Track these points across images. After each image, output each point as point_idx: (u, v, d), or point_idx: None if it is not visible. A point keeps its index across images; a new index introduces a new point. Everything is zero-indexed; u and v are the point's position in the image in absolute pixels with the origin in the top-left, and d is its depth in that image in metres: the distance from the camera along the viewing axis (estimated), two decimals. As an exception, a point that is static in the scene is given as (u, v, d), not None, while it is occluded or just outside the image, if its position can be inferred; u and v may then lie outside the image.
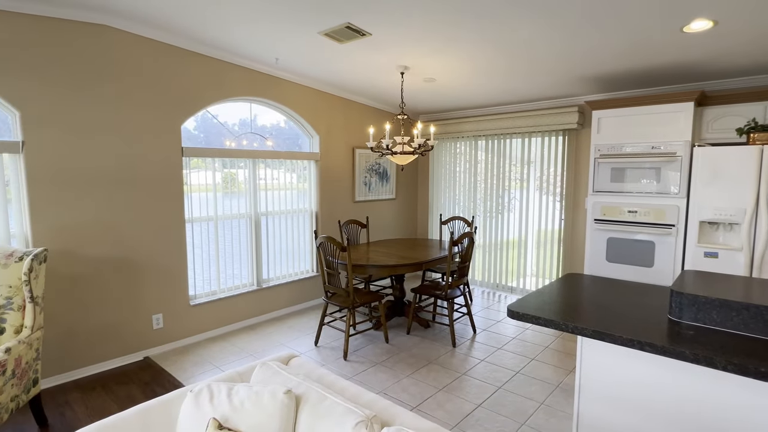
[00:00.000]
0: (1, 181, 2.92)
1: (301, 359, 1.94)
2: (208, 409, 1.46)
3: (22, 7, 2.83)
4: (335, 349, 3.81)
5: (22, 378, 2.35)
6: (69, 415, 2.75)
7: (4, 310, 2.46)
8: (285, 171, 4.74)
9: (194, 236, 3.99)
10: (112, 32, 3.26)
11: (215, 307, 4.11)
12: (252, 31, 3.33)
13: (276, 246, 4.70)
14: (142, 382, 3.20)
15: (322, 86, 4.85)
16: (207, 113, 4.05)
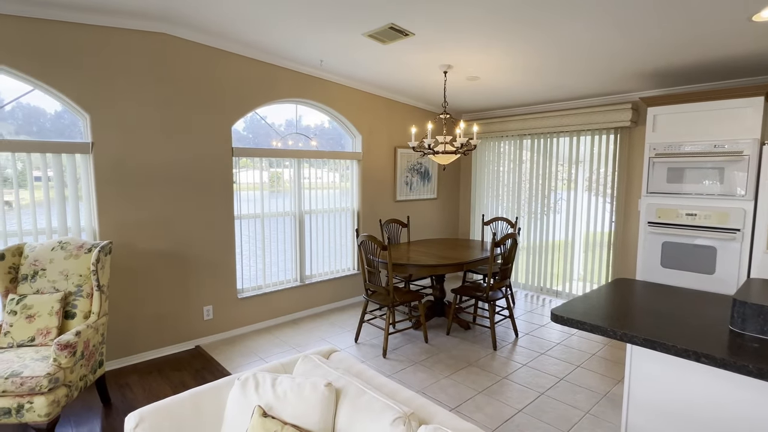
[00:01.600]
0: (74, 180, 3.20)
1: (342, 354, 1.98)
2: (253, 397, 1.53)
3: (94, 19, 3.08)
4: (375, 346, 3.85)
5: (89, 359, 2.56)
6: (129, 396, 2.97)
7: (75, 297, 2.70)
8: (328, 170, 4.85)
9: (242, 233, 4.17)
10: (170, 40, 3.48)
11: (261, 301, 4.28)
12: (299, 35, 3.43)
13: (319, 243, 4.82)
14: (194, 369, 3.39)
15: (364, 86, 4.91)
16: (256, 114, 4.22)
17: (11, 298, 2.59)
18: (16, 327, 2.52)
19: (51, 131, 3.14)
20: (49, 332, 2.55)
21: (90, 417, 2.72)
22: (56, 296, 2.63)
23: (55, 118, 3.16)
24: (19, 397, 2.17)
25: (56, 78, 3.01)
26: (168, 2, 2.92)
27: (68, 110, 3.19)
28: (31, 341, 2.52)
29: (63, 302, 2.64)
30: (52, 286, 2.70)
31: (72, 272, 2.73)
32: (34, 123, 3.08)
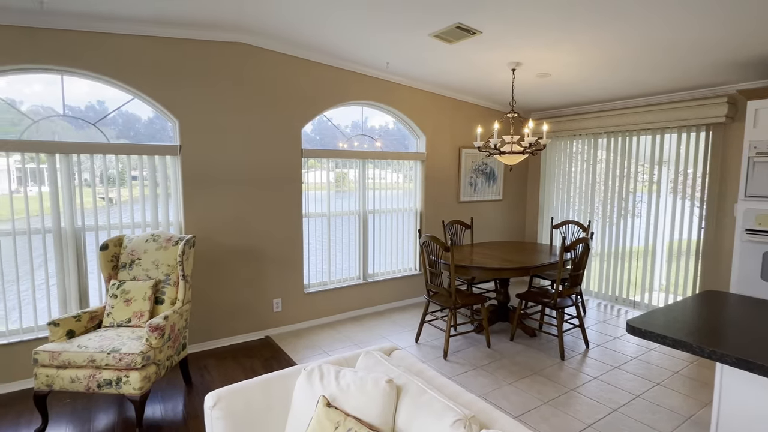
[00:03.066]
0: (164, 179, 3.55)
1: (402, 353, 2.00)
2: (318, 387, 1.60)
3: (181, 33, 3.40)
4: (435, 347, 3.83)
5: (175, 342, 2.83)
6: (207, 378, 3.24)
7: (164, 284, 3.00)
8: (392, 171, 4.91)
9: (309, 230, 4.36)
10: (247, 48, 3.73)
11: (325, 297, 4.44)
12: (367, 39, 3.52)
13: (382, 243, 4.90)
14: (263, 357, 3.60)
15: (429, 87, 4.90)
16: (323, 117, 4.38)
17: (113, 284, 2.93)
18: (116, 309, 2.86)
19: (144, 135, 3.51)
20: (142, 315, 2.85)
21: (174, 394, 3.00)
22: (149, 283, 2.93)
23: (148, 123, 3.53)
24: (118, 371, 2.45)
25: (152, 88, 3.35)
26: (245, 14, 3.13)
27: (159, 116, 3.54)
28: (128, 322, 2.84)
29: (154, 289, 2.94)
30: (145, 274, 3.01)
31: (162, 262, 3.03)
32: (131, 128, 3.46)
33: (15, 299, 3.13)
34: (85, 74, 3.18)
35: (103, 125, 3.32)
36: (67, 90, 3.18)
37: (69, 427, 2.62)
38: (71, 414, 2.76)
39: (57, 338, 2.61)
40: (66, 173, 3.19)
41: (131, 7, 2.87)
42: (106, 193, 3.36)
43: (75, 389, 2.46)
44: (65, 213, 3.21)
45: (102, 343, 2.52)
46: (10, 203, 3.07)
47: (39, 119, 3.11)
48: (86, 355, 2.45)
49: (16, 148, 2.98)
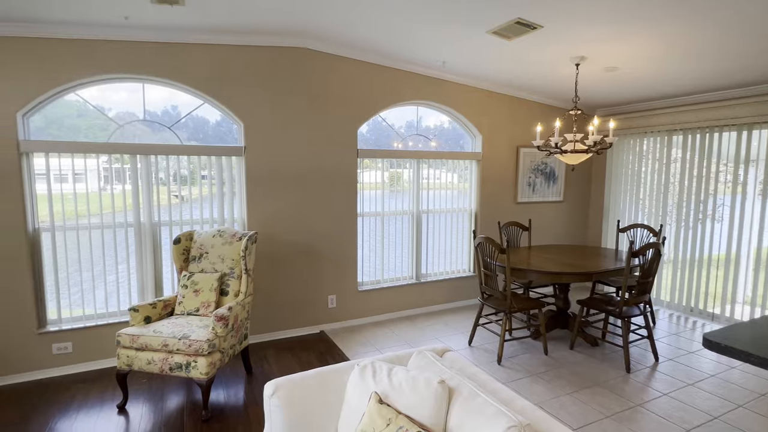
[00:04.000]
0: (230, 178, 3.77)
1: (455, 354, 1.98)
2: (371, 383, 1.63)
3: (247, 41, 3.59)
4: (489, 352, 3.74)
5: (237, 332, 3.00)
6: (266, 367, 3.40)
7: (229, 277, 3.19)
8: (446, 171, 4.86)
9: (363, 229, 4.43)
10: (307, 53, 3.86)
11: (378, 295, 4.50)
12: (423, 38, 3.51)
13: (435, 243, 4.87)
14: (318, 351, 3.72)
15: (486, 85, 4.79)
16: (378, 117, 4.43)
17: (184, 275, 3.17)
18: (186, 298, 3.08)
19: (212, 137, 3.75)
20: (209, 305, 3.06)
21: (236, 381, 3.19)
22: (215, 276, 3.13)
23: (215, 126, 3.77)
24: (187, 356, 2.65)
25: (220, 93, 3.58)
26: (309, 21, 3.25)
27: (226, 119, 3.77)
28: (196, 311, 3.05)
29: (220, 281, 3.13)
30: (212, 267, 3.23)
31: (227, 256, 3.23)
32: (200, 131, 3.72)
33: (102, 286, 3.48)
34: (163, 82, 3.46)
35: (177, 128, 3.60)
36: (147, 96, 3.48)
37: (145, 404, 2.87)
38: (147, 393, 3.02)
39: (136, 323, 2.87)
40: (145, 173, 3.49)
41: (206, 18, 3.08)
42: (179, 191, 3.63)
43: (150, 370, 2.69)
44: (144, 209, 3.52)
45: (174, 329, 2.74)
46: (99, 200, 3.42)
47: (123, 124, 3.43)
48: (160, 340, 2.67)
49: (104, 150, 3.31)
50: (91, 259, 3.40)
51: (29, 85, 3.03)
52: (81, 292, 3.40)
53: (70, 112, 3.31)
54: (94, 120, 3.36)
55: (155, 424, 2.64)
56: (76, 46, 3.12)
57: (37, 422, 2.66)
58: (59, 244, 3.30)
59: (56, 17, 2.87)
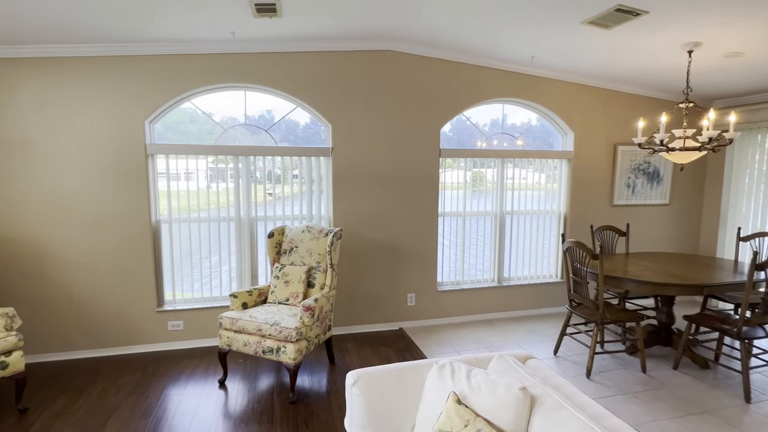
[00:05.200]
0: (318, 177, 3.99)
1: (538, 362, 1.90)
2: (449, 382, 1.63)
3: (335, 47, 3.77)
4: (576, 363, 3.51)
5: (322, 322, 3.18)
6: (347, 359, 3.55)
7: (315, 271, 3.38)
8: (533, 170, 4.64)
9: (444, 229, 4.41)
10: (392, 55, 3.94)
11: (458, 296, 4.44)
12: (511, 34, 3.39)
13: (519, 246, 4.68)
14: (397, 348, 3.79)
15: (579, 78, 4.48)
16: (462, 116, 4.37)
17: (276, 266, 3.43)
18: (278, 288, 3.34)
19: (302, 139, 4.00)
20: (297, 296, 3.27)
21: (319, 369, 3.37)
22: (303, 269, 3.34)
23: (304, 128, 4.01)
24: (278, 341, 2.87)
25: (310, 97, 3.81)
26: (394, 25, 3.32)
27: (315, 122, 3.99)
28: (286, 301, 3.29)
29: (307, 274, 3.34)
30: (300, 260, 3.45)
31: (314, 251, 3.43)
32: (291, 133, 3.98)
33: (207, 273, 3.90)
34: (262, 89, 3.77)
35: (272, 131, 3.90)
36: (247, 102, 3.82)
37: (241, 382, 3.17)
38: (242, 372, 3.33)
39: (235, 308, 3.18)
40: (245, 172, 3.84)
41: (300, 27, 3.30)
42: (273, 189, 3.94)
43: (246, 352, 2.96)
44: (243, 205, 3.87)
45: (267, 316, 2.98)
46: (206, 196, 3.83)
47: (227, 128, 3.81)
48: (255, 325, 2.92)
49: (212, 152, 3.71)
50: (199, 249, 3.83)
51: (155, 96, 3.50)
52: (191, 277, 3.85)
53: (184, 118, 3.75)
54: (203, 125, 3.78)
55: (249, 401, 2.90)
56: (192, 61, 3.53)
57: (156, 388, 3.07)
58: (174, 235, 3.77)
59: (178, 36, 3.28)
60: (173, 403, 2.87)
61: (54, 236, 3.43)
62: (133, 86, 3.45)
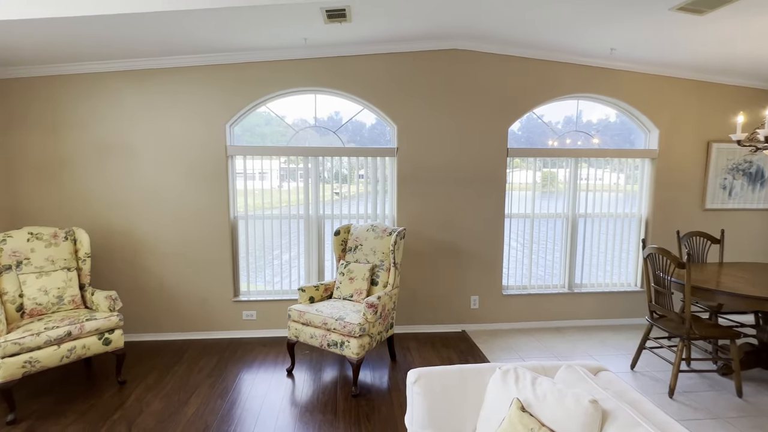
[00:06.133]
0: (383, 177, 4.06)
1: (612, 375, 1.78)
2: (513, 388, 1.59)
3: (402, 48, 3.81)
4: (657, 380, 3.23)
5: (384, 320, 3.23)
6: (408, 358, 3.57)
7: (379, 269, 3.44)
8: (611, 170, 4.33)
9: (511, 231, 4.27)
10: (458, 54, 3.89)
11: (524, 301, 4.28)
12: (588, 26, 3.20)
13: (593, 251, 4.40)
14: (459, 350, 3.74)
15: (666, 70, 4.10)
16: (532, 114, 4.20)
17: (342, 263, 3.54)
18: (343, 285, 3.45)
19: (368, 139, 4.08)
20: (361, 293, 3.36)
21: (381, 366, 3.43)
22: (367, 266, 3.42)
23: (370, 129, 4.09)
24: (342, 336, 2.96)
25: (377, 98, 3.88)
26: (462, 23, 3.28)
27: (380, 122, 4.06)
28: (350, 297, 3.39)
29: (371, 272, 3.41)
30: (365, 258, 3.53)
31: (378, 249, 3.49)
32: (358, 134, 4.08)
33: (278, 267, 4.13)
34: (331, 92, 3.92)
35: (339, 132, 4.03)
36: (317, 105, 3.99)
37: (307, 372, 3.32)
38: (309, 363, 3.48)
39: (303, 301, 3.34)
40: (314, 172, 4.01)
41: (368, 31, 3.39)
42: (339, 188, 4.07)
43: (312, 344, 3.10)
44: (312, 204, 4.05)
45: (332, 311, 3.09)
46: (278, 195, 4.06)
47: (299, 130, 4.00)
48: (321, 318, 3.04)
49: (284, 153, 3.92)
50: (271, 244, 4.07)
51: (235, 101, 3.78)
52: (263, 271, 4.11)
53: (260, 121, 4.00)
54: (276, 127, 4.00)
55: (314, 391, 3.03)
56: (267, 68, 3.76)
57: (231, 372, 3.32)
58: (249, 231, 4.04)
59: (255, 45, 3.51)
60: (246, 387, 3.09)
61: (149, 229, 3.84)
62: (215, 93, 3.75)
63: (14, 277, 3.00)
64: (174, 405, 2.84)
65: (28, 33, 2.81)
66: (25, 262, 3.06)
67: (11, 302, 2.95)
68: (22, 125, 3.63)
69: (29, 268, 3.07)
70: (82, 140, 3.69)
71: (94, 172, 3.74)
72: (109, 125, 3.70)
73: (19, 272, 3.03)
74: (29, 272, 3.05)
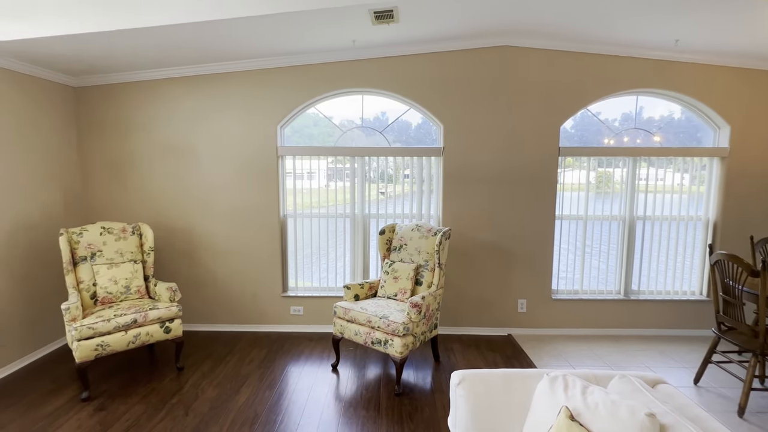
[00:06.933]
0: (428, 177, 4.04)
1: (672, 389, 1.67)
2: (561, 396, 1.53)
3: (448, 47, 3.77)
4: (725, 398, 2.98)
5: (428, 320, 3.22)
6: (452, 359, 3.53)
7: (423, 269, 3.43)
8: (674, 170, 4.05)
9: (561, 233, 4.10)
10: (507, 50, 3.80)
11: (576, 307, 4.10)
12: (650, 16, 3.01)
13: (652, 255, 4.13)
14: (505, 354, 3.65)
15: (738, 61, 3.77)
16: (587, 111, 4.01)
17: (386, 262, 3.57)
18: (387, 284, 3.47)
19: (413, 139, 4.08)
20: (405, 292, 3.37)
21: (424, 366, 3.42)
22: (411, 266, 3.42)
23: (416, 128, 4.08)
24: (386, 334, 2.99)
25: (423, 98, 3.86)
26: (511, 19, 3.20)
27: (426, 122, 4.04)
28: (394, 296, 3.40)
29: (415, 271, 3.41)
30: (409, 258, 3.53)
31: (422, 249, 3.48)
32: (404, 133, 4.08)
33: (324, 264, 4.23)
34: (378, 92, 3.95)
35: (385, 132, 4.06)
36: (363, 105, 4.04)
37: (351, 369, 3.37)
38: (353, 359, 3.54)
39: (348, 298, 3.40)
40: (360, 172, 4.07)
41: (416, 31, 3.39)
42: (385, 188, 4.10)
43: (356, 341, 3.15)
44: (358, 203, 4.10)
45: (376, 309, 3.13)
46: (326, 194, 4.15)
47: (346, 130, 4.07)
48: (365, 316, 3.08)
49: (332, 153, 4.00)
50: (318, 242, 4.18)
51: (286, 104, 3.91)
52: (310, 268, 4.22)
53: (308, 122, 4.11)
54: (324, 128, 4.10)
55: (358, 387, 3.08)
56: (316, 70, 3.86)
57: (279, 364, 3.44)
58: (297, 229, 4.16)
59: (304, 49, 3.61)
60: (293, 380, 3.19)
61: (205, 225, 4.06)
62: (267, 96, 3.91)
63: (89, 267, 3.29)
64: (226, 393, 2.99)
65: (109, 44, 3.07)
66: (98, 254, 3.34)
67: (86, 290, 3.24)
68: (97, 129, 3.97)
69: (101, 259, 3.35)
70: (147, 142, 3.98)
71: (157, 172, 4.01)
72: (170, 128, 3.96)
73: (93, 263, 3.31)
74: (101, 263, 3.33)
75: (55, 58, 3.30)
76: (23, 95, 3.41)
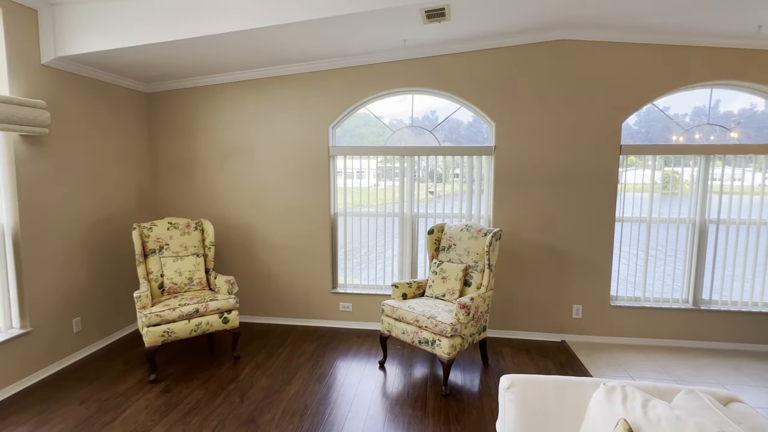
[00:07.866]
0: (479, 176, 3.97)
1: (747, 409, 1.53)
2: (619, 408, 1.45)
3: (500, 43, 3.67)
4: (812, 422, 2.67)
5: (477, 322, 3.16)
6: (501, 363, 3.45)
7: (472, 270, 3.38)
8: (754, 169, 3.69)
9: (622, 236, 3.87)
10: (565, 44, 3.63)
11: (637, 315, 3.85)
12: (728, 1, 2.77)
13: (727, 262, 3.79)
14: (558, 361, 3.51)
15: (841, 47, 3.36)
16: (653, 107, 3.76)
17: (435, 262, 3.55)
18: (435, 283, 3.45)
19: (464, 138, 4.01)
20: (454, 292, 3.33)
21: (472, 368, 3.37)
22: (460, 267, 3.38)
23: (467, 127, 4.01)
24: (433, 334, 2.97)
25: (475, 96, 3.80)
26: (567, 11, 3.06)
27: (477, 120, 3.96)
28: (442, 296, 3.38)
29: (464, 272, 3.36)
30: (458, 258, 3.49)
31: (472, 250, 3.43)
32: (454, 132, 4.03)
33: (373, 263, 4.28)
34: (428, 91, 3.94)
35: (435, 131, 4.03)
36: (414, 104, 4.04)
37: (398, 367, 3.39)
38: (400, 357, 3.56)
39: (396, 297, 3.42)
40: (409, 171, 4.07)
41: (467, 28, 3.34)
42: (434, 187, 4.08)
43: (404, 339, 3.16)
44: (407, 202, 4.11)
45: (424, 308, 3.12)
46: (375, 193, 4.20)
47: (396, 130, 4.09)
48: (413, 315, 3.09)
49: (381, 153, 4.04)
50: (367, 240, 4.23)
51: (337, 104, 4.00)
52: (359, 265, 4.29)
53: (359, 122, 4.18)
54: (374, 128, 4.14)
55: (404, 386, 3.09)
56: (367, 71, 3.91)
57: (327, 358, 3.53)
58: (347, 227, 4.25)
59: (356, 50, 3.67)
60: (341, 375, 3.26)
61: (260, 222, 4.25)
62: (319, 97, 4.02)
63: (157, 259, 3.56)
64: (278, 383, 3.12)
65: (189, 52, 3.30)
66: (165, 248, 3.61)
67: (155, 281, 3.50)
68: (165, 131, 4.28)
69: (168, 252, 3.61)
70: (209, 143, 4.23)
71: (218, 171, 4.25)
72: (230, 129, 4.18)
73: (161, 256, 3.57)
74: (168, 256, 3.58)
75: (132, 67, 3.59)
76: (103, 103, 3.74)
